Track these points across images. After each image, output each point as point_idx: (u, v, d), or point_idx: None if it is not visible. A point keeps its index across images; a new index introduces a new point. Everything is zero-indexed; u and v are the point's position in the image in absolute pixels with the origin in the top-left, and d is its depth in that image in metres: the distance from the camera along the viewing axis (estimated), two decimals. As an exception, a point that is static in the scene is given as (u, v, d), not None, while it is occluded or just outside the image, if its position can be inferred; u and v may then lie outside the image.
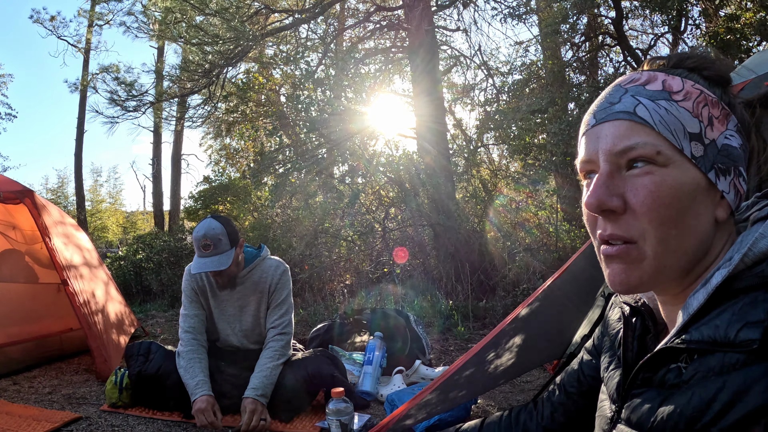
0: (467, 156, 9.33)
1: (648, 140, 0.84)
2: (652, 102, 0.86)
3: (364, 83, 8.86)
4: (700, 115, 0.85)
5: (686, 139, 0.84)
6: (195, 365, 3.05)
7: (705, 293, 0.82)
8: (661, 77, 0.89)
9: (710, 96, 0.87)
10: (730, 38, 6.66)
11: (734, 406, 0.71)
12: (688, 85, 0.87)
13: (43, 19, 21.27)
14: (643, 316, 1.05)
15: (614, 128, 0.87)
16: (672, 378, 0.83)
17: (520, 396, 3.46)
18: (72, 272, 4.16)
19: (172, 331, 5.86)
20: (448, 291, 6.72)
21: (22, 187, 4.12)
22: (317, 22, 10.27)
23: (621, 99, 0.88)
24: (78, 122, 21.00)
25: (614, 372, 1.06)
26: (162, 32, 10.38)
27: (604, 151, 0.87)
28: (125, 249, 10.68)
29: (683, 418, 0.77)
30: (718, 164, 0.85)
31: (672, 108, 0.85)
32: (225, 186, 11.60)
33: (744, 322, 0.74)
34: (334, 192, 7.84)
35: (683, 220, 0.83)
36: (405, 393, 3.13)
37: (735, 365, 0.74)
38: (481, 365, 2.41)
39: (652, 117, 0.84)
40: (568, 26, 7.68)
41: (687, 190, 0.83)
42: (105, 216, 28.21)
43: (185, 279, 3.32)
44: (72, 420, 3.08)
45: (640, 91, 0.88)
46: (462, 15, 10.17)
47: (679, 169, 0.84)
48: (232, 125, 11.11)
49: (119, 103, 10.24)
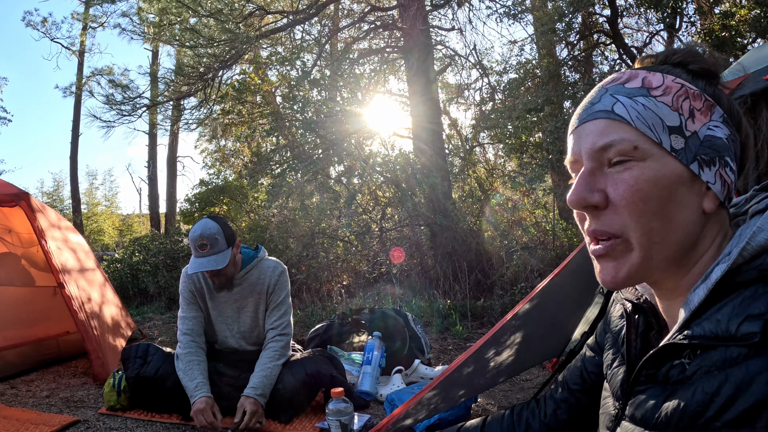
0: (463, 155, 9.34)
1: (625, 136, 0.86)
2: (629, 99, 0.88)
3: (359, 83, 8.86)
4: (680, 108, 0.87)
5: (665, 133, 0.85)
6: (194, 367, 3.04)
7: (705, 288, 0.82)
8: (641, 75, 0.91)
9: (692, 89, 0.88)
10: (725, 35, 6.67)
11: (737, 400, 0.72)
12: (669, 80, 0.89)
13: (35, 21, 21.26)
14: (646, 313, 1.05)
15: (594, 127, 0.90)
16: (676, 374, 0.83)
17: (519, 394, 3.46)
18: (68, 275, 4.14)
19: (169, 334, 5.85)
20: (446, 290, 6.73)
21: (18, 190, 4.11)
22: (312, 23, 10.27)
23: (601, 99, 0.91)
24: (73, 125, 21.02)
25: (618, 369, 1.06)
26: (157, 35, 10.37)
27: (586, 149, 0.90)
28: (122, 252, 10.66)
29: (687, 413, 0.78)
30: (701, 155, 0.86)
31: (650, 103, 0.87)
32: (221, 188, 11.58)
33: (744, 315, 0.74)
34: (331, 192, 7.83)
35: (665, 212, 0.85)
36: (404, 392, 3.12)
37: (737, 359, 0.74)
38: (481, 363, 2.41)
39: (629, 113, 0.86)
40: (564, 25, 7.67)
41: (667, 182, 0.85)
42: (101, 219, 28.24)
43: (182, 281, 3.31)
44: (70, 423, 3.07)
45: (619, 89, 0.90)
46: (456, 14, 10.19)
47: (658, 162, 0.85)
48: (228, 127, 11.10)
49: (114, 106, 10.24)
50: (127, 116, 10.31)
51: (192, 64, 9.54)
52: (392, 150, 8.49)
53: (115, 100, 10.38)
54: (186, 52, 10.65)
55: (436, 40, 10.21)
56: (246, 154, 12.56)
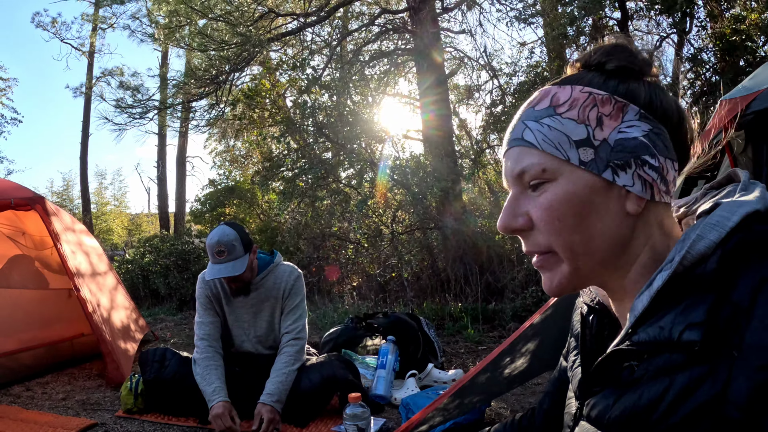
0: (473, 157, 9.34)
1: (534, 161, 0.89)
2: (536, 123, 0.90)
3: (369, 86, 8.87)
4: (586, 119, 0.87)
5: (573, 148, 0.87)
6: (211, 372, 3.06)
7: (648, 296, 0.83)
8: (552, 92, 0.92)
9: (600, 95, 0.88)
10: (735, 39, 6.65)
11: (682, 404, 0.74)
12: (576, 91, 0.90)
13: (44, 22, 21.35)
14: (600, 314, 1.07)
15: (511, 155, 0.93)
16: (626, 376, 0.85)
17: (531, 398, 3.48)
18: (82, 278, 4.18)
19: (181, 335, 5.88)
20: (457, 293, 6.73)
21: (32, 193, 4.15)
22: (322, 26, 10.28)
23: (515, 127, 0.94)
24: (83, 125, 21.11)
25: (577, 370, 1.08)
26: (167, 37, 10.40)
27: (507, 176, 0.95)
28: (132, 252, 10.69)
29: (635, 414, 0.80)
30: (614, 161, 0.86)
31: (555, 123, 0.88)
32: (230, 189, 11.62)
33: (686, 323, 0.76)
34: (341, 195, 7.84)
35: (584, 224, 0.87)
36: (420, 397, 3.14)
37: (681, 365, 0.76)
38: (496, 370, 2.42)
39: (536, 137, 0.89)
40: (574, 29, 7.66)
41: (580, 196, 0.86)
42: (110, 219, 28.35)
43: (199, 286, 3.33)
44: (87, 426, 3.10)
45: (529, 114, 0.92)
46: (467, 17, 10.18)
47: (568, 179, 0.87)
48: (240, 131, 11.12)
49: (125, 109, 10.27)
50: (138, 119, 10.34)
51: (204, 67, 9.56)
52: (403, 152, 8.51)
53: (125, 103, 10.42)
54: (196, 54, 10.67)
55: (447, 43, 10.21)
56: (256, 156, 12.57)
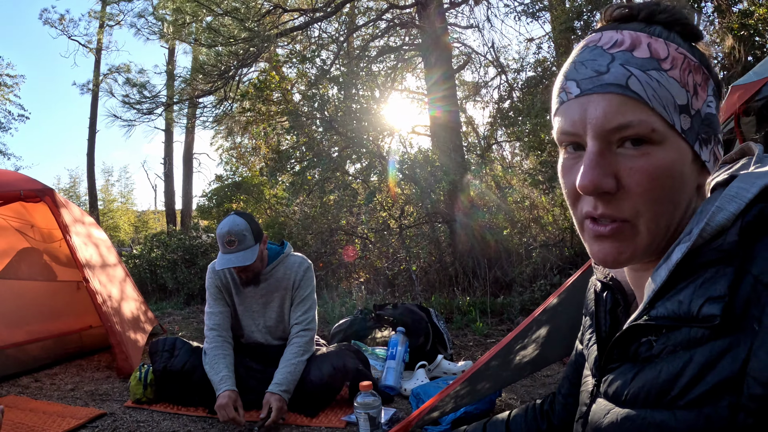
0: (480, 152, 9.32)
1: (643, 117, 0.78)
2: (643, 73, 0.79)
3: (376, 81, 8.86)
4: (687, 84, 0.81)
5: (676, 113, 0.80)
6: (219, 361, 3.06)
7: (666, 269, 0.81)
8: (644, 40, 0.82)
9: (693, 61, 0.82)
10: (743, 34, 6.61)
11: (701, 380, 0.73)
12: (672, 49, 0.82)
13: (52, 19, 21.44)
14: (613, 290, 1.05)
15: (605, 102, 0.80)
16: (644, 351, 0.83)
17: (541, 389, 3.47)
18: (92, 270, 4.18)
19: (189, 329, 5.89)
20: (465, 287, 6.72)
21: (42, 185, 4.15)
22: (329, 21, 10.27)
23: (609, 68, 0.81)
24: (90, 122, 21.19)
25: (593, 347, 1.06)
26: (175, 33, 10.41)
27: (595, 126, 0.81)
28: (140, 247, 10.71)
29: (654, 390, 0.78)
30: (702, 134, 0.82)
31: (663, 79, 0.79)
32: (237, 184, 11.63)
33: (705, 297, 0.74)
34: (349, 189, 7.83)
35: (676, 196, 0.82)
36: (430, 387, 3.13)
37: (700, 340, 0.74)
38: (507, 356, 2.41)
39: (646, 91, 0.79)
40: (582, 23, 7.63)
41: (679, 166, 0.81)
42: (117, 215, 28.44)
43: (209, 276, 3.33)
44: (97, 416, 3.10)
45: (629, 59, 0.81)
46: (474, 12, 10.15)
47: (672, 146, 0.80)
48: (248, 125, 11.12)
49: (132, 105, 10.28)
50: (147, 114, 10.35)
51: (212, 63, 9.55)
52: (410, 147, 8.50)
53: (133, 100, 10.42)
54: (203, 50, 10.67)
55: (454, 38, 10.18)
56: (264, 152, 12.58)
